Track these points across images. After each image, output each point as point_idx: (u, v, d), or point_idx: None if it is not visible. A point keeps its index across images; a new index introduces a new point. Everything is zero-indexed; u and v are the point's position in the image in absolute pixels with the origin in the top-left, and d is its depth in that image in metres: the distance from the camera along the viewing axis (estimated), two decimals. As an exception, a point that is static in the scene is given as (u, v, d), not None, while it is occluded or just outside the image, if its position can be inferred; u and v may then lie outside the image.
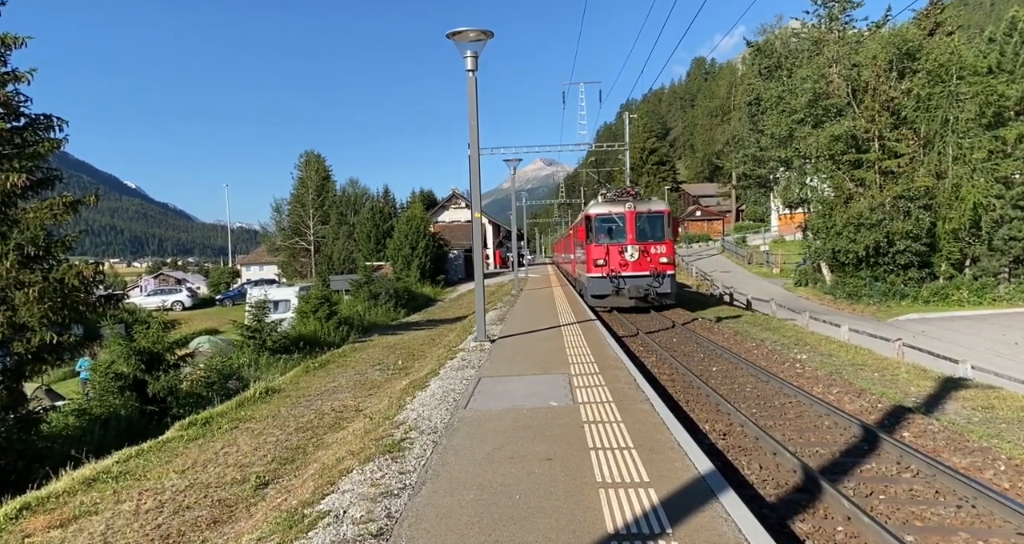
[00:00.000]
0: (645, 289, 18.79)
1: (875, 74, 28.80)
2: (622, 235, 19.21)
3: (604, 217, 19.55)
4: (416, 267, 43.95)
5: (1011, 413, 8.33)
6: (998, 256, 26.72)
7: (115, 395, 12.74)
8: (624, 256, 18.98)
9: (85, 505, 6.95)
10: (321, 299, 23.81)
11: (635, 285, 18.84)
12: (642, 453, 5.31)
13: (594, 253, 19.25)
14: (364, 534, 4.14)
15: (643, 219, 19.26)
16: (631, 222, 19.10)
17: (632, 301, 19.02)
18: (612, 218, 19.38)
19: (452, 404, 7.56)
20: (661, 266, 18.96)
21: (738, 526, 3.88)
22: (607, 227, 19.47)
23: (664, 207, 19.89)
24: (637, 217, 19.17)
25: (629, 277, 18.95)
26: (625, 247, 19.02)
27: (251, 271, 64.86)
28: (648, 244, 19.08)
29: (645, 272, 18.92)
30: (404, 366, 14.40)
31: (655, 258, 19.01)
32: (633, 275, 18.93)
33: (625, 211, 19.19)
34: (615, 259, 19.04)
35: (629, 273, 18.96)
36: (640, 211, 19.29)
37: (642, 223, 19.23)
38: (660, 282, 18.89)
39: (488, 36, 11.20)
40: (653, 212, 19.48)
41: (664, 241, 19.18)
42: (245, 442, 8.87)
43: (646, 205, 19.71)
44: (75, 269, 11.56)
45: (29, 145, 11.93)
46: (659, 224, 19.37)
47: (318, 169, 54.15)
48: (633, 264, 18.94)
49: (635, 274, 18.93)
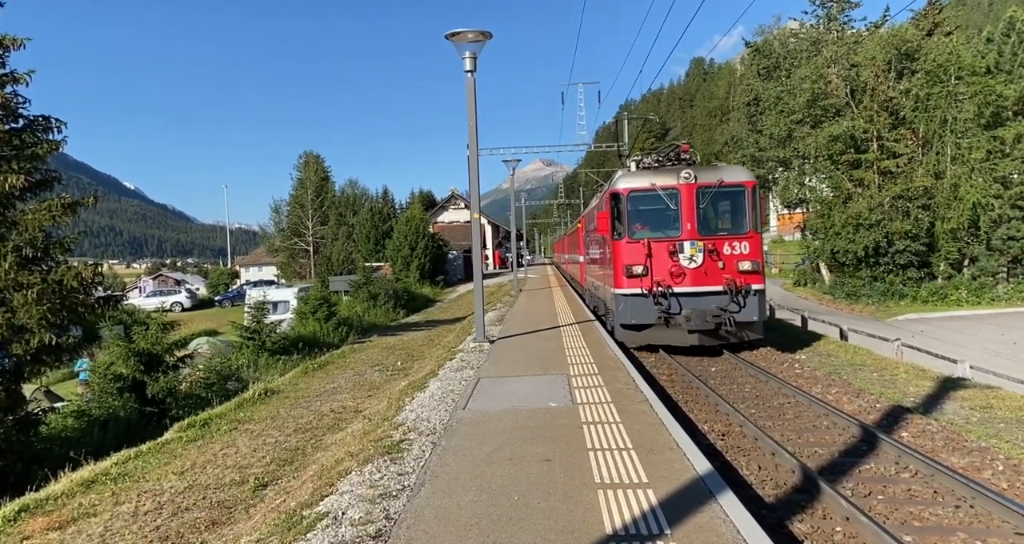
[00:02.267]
0: (716, 316, 11.43)
1: (874, 74, 28.84)
2: (674, 225, 11.95)
3: (643, 194, 12.11)
4: (415, 268, 43.96)
5: (1009, 413, 8.34)
6: (996, 256, 26.76)
7: (114, 396, 12.74)
8: (678, 260, 11.78)
9: (84, 507, 6.95)
10: (320, 300, 23.81)
11: (699, 309, 11.55)
12: (641, 454, 5.31)
13: (625, 255, 12.06)
14: (363, 535, 4.14)
15: (711, 197, 11.92)
16: (690, 203, 11.77)
17: (694, 336, 11.64)
18: (656, 196, 11.96)
19: (451, 405, 7.56)
20: (742, 276, 11.65)
21: (736, 527, 3.89)
22: (648, 211, 12.27)
23: (745, 177, 12.28)
24: (700, 194, 11.82)
25: (688, 295, 11.74)
26: (680, 245, 11.78)
27: (250, 272, 64.80)
28: (720, 239, 11.81)
29: (715, 287, 11.66)
30: (403, 367, 14.40)
31: (732, 263, 11.73)
32: (695, 292, 11.74)
33: (679, 184, 11.82)
34: (663, 265, 11.84)
35: (687, 288, 11.74)
36: (705, 184, 11.85)
37: (709, 204, 12.06)
38: (742, 303, 11.58)
39: (487, 37, 11.21)
40: (728, 186, 11.98)
41: (746, 234, 11.92)
42: (244, 443, 8.87)
43: (714, 174, 12.06)
44: (74, 270, 11.57)
45: (28, 147, 11.93)
46: (739, 206, 12.13)
47: (317, 170, 54.10)
48: (694, 273, 11.74)
49: (698, 290, 11.74)
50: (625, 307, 12.10)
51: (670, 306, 11.73)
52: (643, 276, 11.85)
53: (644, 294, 11.82)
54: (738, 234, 11.98)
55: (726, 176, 12.06)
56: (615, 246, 12.44)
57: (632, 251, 12.03)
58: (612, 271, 12.66)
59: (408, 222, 46.49)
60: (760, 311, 11.81)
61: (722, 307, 11.52)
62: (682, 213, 11.85)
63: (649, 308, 11.79)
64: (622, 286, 12.11)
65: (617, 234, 12.41)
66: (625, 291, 12.06)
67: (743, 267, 11.73)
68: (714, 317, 11.45)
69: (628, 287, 12.01)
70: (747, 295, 11.63)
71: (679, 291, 11.79)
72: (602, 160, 75.35)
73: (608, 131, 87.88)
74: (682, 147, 13.04)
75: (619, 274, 12.14)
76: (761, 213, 13.19)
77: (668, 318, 11.74)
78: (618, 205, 12.41)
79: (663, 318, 11.74)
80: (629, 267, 11.92)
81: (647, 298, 11.80)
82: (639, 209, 12.30)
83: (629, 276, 11.91)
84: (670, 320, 11.74)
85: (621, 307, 12.18)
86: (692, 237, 11.79)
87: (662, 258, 11.89)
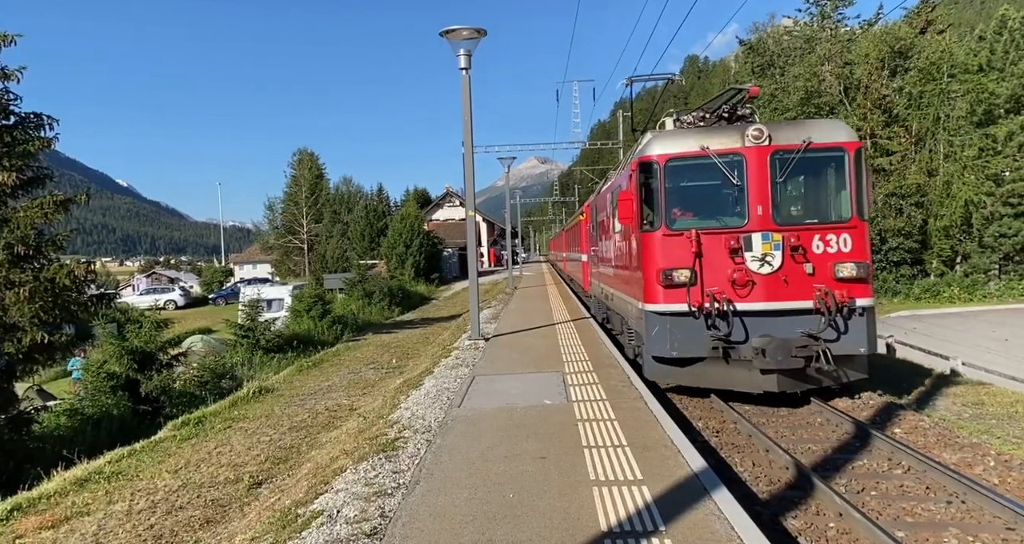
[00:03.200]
0: (804, 346, 7.73)
1: (867, 72, 28.96)
2: (736, 209, 8.28)
3: (689, 163, 8.40)
4: (410, 265, 43.92)
5: (1001, 409, 8.41)
6: (988, 253, 26.95)
7: (107, 395, 12.70)
8: (744, 262, 8.05)
9: (77, 506, 6.93)
10: (315, 298, 23.77)
11: (778, 337, 7.84)
12: (635, 451, 5.33)
13: (661, 254, 8.33)
14: (358, 533, 4.14)
15: (794, 167, 8.13)
16: (761, 175, 8.06)
17: (770, 378, 7.91)
18: (709, 165, 8.22)
19: (446, 403, 7.56)
20: (842, 286, 7.91)
21: (731, 523, 3.90)
22: (696, 189, 8.68)
23: (845, 135, 8.39)
24: (778, 162, 8.11)
25: (759, 315, 8.04)
26: (746, 239, 8.05)
27: (244, 270, 64.61)
28: (807, 230, 8.08)
29: (801, 302, 7.96)
30: (398, 365, 14.39)
31: (826, 266, 8.01)
32: (770, 310, 8.03)
33: (745, 147, 8.11)
34: (719, 269, 8.12)
35: (758, 305, 8.03)
36: (786, 146, 8.13)
37: (791, 178, 8.48)
38: (842, 327, 7.95)
39: (481, 34, 11.19)
40: (820, 149, 8.18)
41: (848, 222, 8.12)
42: (238, 441, 8.86)
43: (798, 131, 8.32)
44: (66, 268, 11.51)
45: (19, 143, 11.86)
46: (836, 179, 8.45)
47: (311, 167, 53.95)
48: (769, 282, 8.00)
49: (775, 306, 8.02)
50: (661, 332, 8.19)
51: (731, 331, 7.84)
52: (689, 286, 7.95)
53: (691, 312, 7.93)
54: (835, 223, 8.09)
55: (817, 134, 8.10)
56: (645, 241, 8.49)
57: (671, 248, 8.14)
58: (639, 277, 8.70)
59: (403, 219, 46.45)
60: (870, 339, 7.96)
61: (812, 333, 7.69)
62: (749, 191, 7.98)
63: (698, 334, 7.96)
64: (655, 300, 8.25)
65: (648, 223, 8.47)
66: (660, 308, 8.18)
67: (843, 272, 7.84)
68: (801, 348, 7.60)
69: (665, 302, 8.14)
70: (850, 315, 7.84)
71: (745, 308, 7.91)
72: (597, 158, 75.39)
73: (603, 128, 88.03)
74: (750, 90, 8.85)
75: (651, 282, 8.29)
76: (869, 191, 8.34)
77: (728, 349, 7.87)
78: (649, 180, 8.40)
79: (721, 349, 7.84)
80: (667, 272, 8.03)
81: (695, 319, 7.97)
82: (682, 185, 8.48)
83: (667, 285, 8.06)
84: (731, 352, 7.88)
85: (655, 331, 8.25)
86: (765, 227, 7.91)
87: (718, 259, 8.00)
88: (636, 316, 9.20)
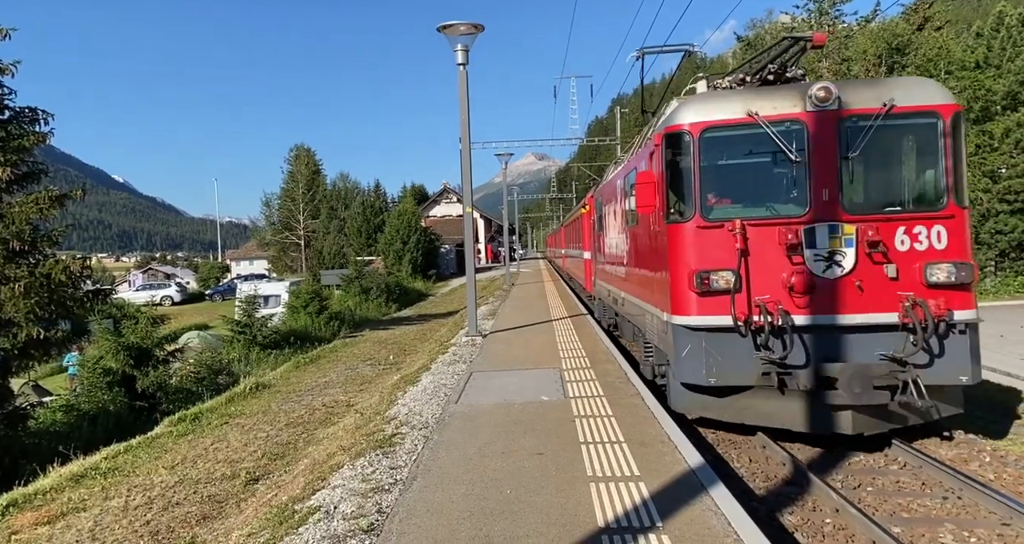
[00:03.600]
0: (886, 374, 5.92)
1: (864, 68, 28.96)
2: (791, 193, 6.56)
3: (731, 133, 6.58)
4: (407, 261, 43.90)
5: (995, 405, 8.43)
6: (984, 250, 27.01)
7: (103, 390, 12.68)
8: (804, 261, 6.22)
9: (73, 502, 6.92)
10: (312, 294, 23.75)
11: (851, 359, 6.12)
12: (632, 447, 5.33)
13: (693, 251, 6.56)
14: (355, 529, 4.13)
15: (871, 137, 6.21)
16: (828, 148, 6.25)
17: (844, 415, 6.10)
18: (759, 136, 6.39)
19: (443, 399, 7.56)
20: (936, 294, 6.07)
21: (728, 519, 3.91)
22: (740, 168, 6.97)
23: (939, 96, 6.38)
24: (848, 130, 6.27)
25: (825, 331, 6.22)
26: (808, 233, 6.22)
27: (241, 266, 64.49)
28: (888, 220, 6.21)
29: (882, 315, 6.11)
30: (395, 361, 14.39)
31: (913, 268, 6.15)
32: (841, 325, 6.20)
33: (806, 112, 6.29)
34: (771, 271, 6.30)
35: (823, 319, 6.21)
36: (861, 110, 6.27)
37: (868, 152, 6.36)
38: (935, 348, 6.13)
39: (479, 30, 11.15)
40: (902, 114, 6.27)
41: (942, 210, 6.25)
42: (235, 438, 8.85)
43: (876, 91, 6.38)
44: (62, 264, 11.49)
45: (14, 138, 11.82)
46: (926, 153, 6.49)
47: (308, 163, 53.81)
48: (839, 288, 6.19)
49: (847, 321, 6.18)
50: (694, 352, 6.42)
51: (788, 353, 6.04)
52: (732, 291, 6.18)
53: (735, 328, 6.19)
54: (925, 211, 6.29)
55: (901, 94, 6.28)
56: (673, 235, 6.68)
57: (708, 244, 6.39)
58: (664, 280, 6.92)
59: (400, 216, 46.42)
60: (974, 364, 6.31)
61: (897, 357, 5.94)
62: (812, 169, 6.20)
63: (744, 356, 6.22)
64: (687, 310, 6.48)
65: (676, 213, 6.71)
66: (693, 321, 6.42)
67: (936, 276, 6.08)
68: (884, 377, 5.90)
69: (700, 313, 6.37)
70: (947, 332, 6.13)
71: (806, 323, 6.14)
72: (594, 154, 75.34)
73: (601, 125, 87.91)
74: (813, 37, 7.03)
75: (681, 287, 6.52)
76: (962, 170, 6.42)
77: (784, 377, 6.10)
78: (679, 156, 6.65)
79: (774, 377, 6.10)
80: (703, 275, 6.27)
81: (741, 336, 6.22)
82: (723, 163, 6.74)
83: (703, 292, 6.30)
84: (787, 381, 6.10)
85: (686, 352, 6.48)
86: (833, 217, 6.13)
87: (771, 258, 6.23)
88: (659, 330, 7.36)
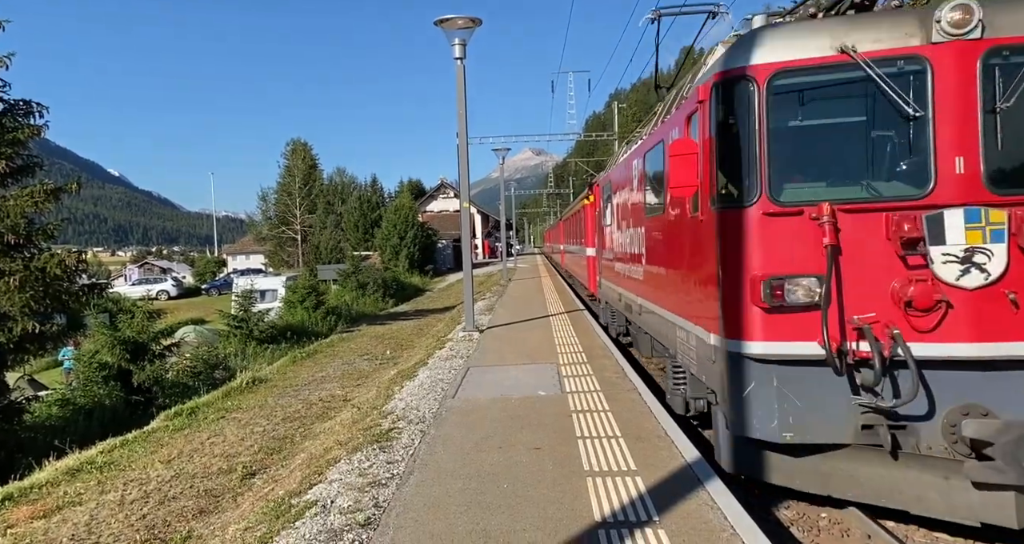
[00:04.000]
0: None
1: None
2: (904, 164, 4.32)
3: (821, 76, 4.34)
4: (404, 257, 43.87)
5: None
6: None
7: (99, 385, 12.65)
8: (928, 263, 4.10)
9: (69, 495, 6.90)
10: (308, 289, 23.71)
11: (1005, 410, 3.96)
12: (629, 442, 5.34)
13: (755, 247, 4.42)
14: (351, 523, 4.13)
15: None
16: (966, 96, 4.01)
17: (1005, 498, 3.90)
18: (859, 79, 4.20)
19: (440, 394, 7.56)
20: None
21: (724, 513, 3.92)
22: (829, 130, 4.60)
23: None
24: (997, 69, 3.97)
25: (959, 367, 4.12)
26: (932, 222, 4.04)
27: (237, 260, 64.33)
28: None
29: None
30: (392, 356, 14.38)
31: None
32: (986, 355, 4.03)
33: (933, 43, 4.05)
34: (874, 276, 4.22)
35: (957, 347, 4.09)
36: (1011, 39, 3.93)
37: (1019, 100, 3.93)
38: None
39: (476, 23, 11.11)
40: None
41: None
42: (232, 432, 8.83)
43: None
44: (57, 258, 11.44)
45: (8, 131, 11.74)
46: None
47: (305, 157, 53.64)
48: (979, 303, 4.04)
49: (995, 351, 4.01)
50: (761, 392, 4.53)
51: (906, 399, 4.14)
52: (824, 307, 4.27)
53: (824, 359, 4.28)
54: None
55: None
56: (725, 225, 4.73)
57: (780, 238, 4.46)
58: (709, 288, 5.02)
59: (397, 211, 46.35)
60: None
61: None
62: (938, 128, 4.18)
63: (835, 399, 4.40)
64: (749, 333, 4.54)
65: (729, 194, 4.76)
66: (761, 348, 4.49)
67: None
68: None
69: (768, 338, 4.47)
70: None
71: (932, 354, 4.19)
72: (592, 150, 75.25)
73: (598, 120, 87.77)
74: None
75: (737, 298, 4.61)
76: None
77: (897, 431, 4.31)
78: (736, 114, 4.65)
79: (882, 431, 4.29)
80: (773, 282, 4.36)
81: (836, 374, 4.33)
82: (800, 124, 4.62)
83: (774, 308, 4.39)
84: (901, 438, 4.32)
85: (748, 390, 4.58)
86: (970, 198, 4.11)
87: (874, 257, 4.33)
88: (700, 355, 5.38)
